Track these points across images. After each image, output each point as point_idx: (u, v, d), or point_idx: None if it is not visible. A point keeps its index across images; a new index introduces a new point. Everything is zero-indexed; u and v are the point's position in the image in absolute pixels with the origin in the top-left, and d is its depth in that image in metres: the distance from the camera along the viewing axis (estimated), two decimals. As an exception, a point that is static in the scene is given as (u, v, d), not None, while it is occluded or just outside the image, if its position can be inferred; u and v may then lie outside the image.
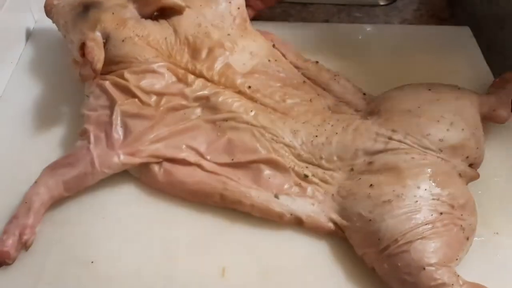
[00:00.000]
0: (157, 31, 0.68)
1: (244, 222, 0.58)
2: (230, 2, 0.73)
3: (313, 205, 0.58)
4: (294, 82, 0.67)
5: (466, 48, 0.81)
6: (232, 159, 0.60)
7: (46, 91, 0.72)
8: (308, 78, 0.69)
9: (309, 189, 0.58)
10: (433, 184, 0.54)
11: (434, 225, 0.52)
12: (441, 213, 0.53)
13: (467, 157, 0.59)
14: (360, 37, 0.83)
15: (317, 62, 0.71)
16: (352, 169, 0.58)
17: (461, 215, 0.54)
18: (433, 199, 0.53)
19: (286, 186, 0.59)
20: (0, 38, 0.72)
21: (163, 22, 0.70)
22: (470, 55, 0.80)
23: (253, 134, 0.61)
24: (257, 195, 0.58)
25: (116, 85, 0.63)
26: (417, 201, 0.53)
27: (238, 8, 0.74)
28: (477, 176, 0.60)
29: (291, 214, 0.57)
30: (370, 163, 0.58)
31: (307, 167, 0.59)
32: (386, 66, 0.77)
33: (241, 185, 0.58)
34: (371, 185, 0.56)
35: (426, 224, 0.52)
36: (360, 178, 0.57)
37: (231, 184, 0.58)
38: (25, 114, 0.69)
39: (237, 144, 0.60)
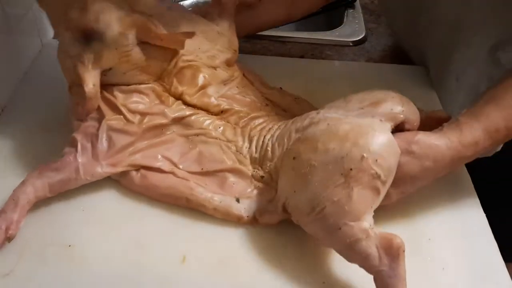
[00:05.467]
0: (154, 59, 0.73)
1: (207, 221, 0.66)
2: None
3: (270, 202, 0.65)
4: (258, 105, 0.76)
5: (420, 84, 0.91)
6: (202, 168, 0.69)
7: (45, 105, 0.82)
8: (272, 102, 0.78)
9: (266, 189, 0.66)
10: (344, 141, 0.57)
11: (343, 186, 0.56)
12: (351, 169, 0.56)
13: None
14: (328, 71, 0.93)
15: (280, 88, 0.81)
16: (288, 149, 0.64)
17: (374, 166, 0.56)
18: (342, 157, 0.57)
19: (248, 190, 0.67)
20: (9, 57, 0.82)
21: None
22: (423, 89, 0.90)
23: (221, 147, 0.69)
24: (220, 200, 0.66)
25: (105, 100, 0.71)
26: (327, 165, 0.57)
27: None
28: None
29: (248, 216, 0.65)
30: (298, 138, 0.63)
31: (261, 168, 0.67)
32: (347, 95, 0.86)
33: (207, 191, 0.66)
34: (294, 157, 0.61)
35: (336, 187, 0.56)
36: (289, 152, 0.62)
37: (197, 190, 0.66)
38: (26, 123, 0.79)
39: (206, 156, 0.69)
